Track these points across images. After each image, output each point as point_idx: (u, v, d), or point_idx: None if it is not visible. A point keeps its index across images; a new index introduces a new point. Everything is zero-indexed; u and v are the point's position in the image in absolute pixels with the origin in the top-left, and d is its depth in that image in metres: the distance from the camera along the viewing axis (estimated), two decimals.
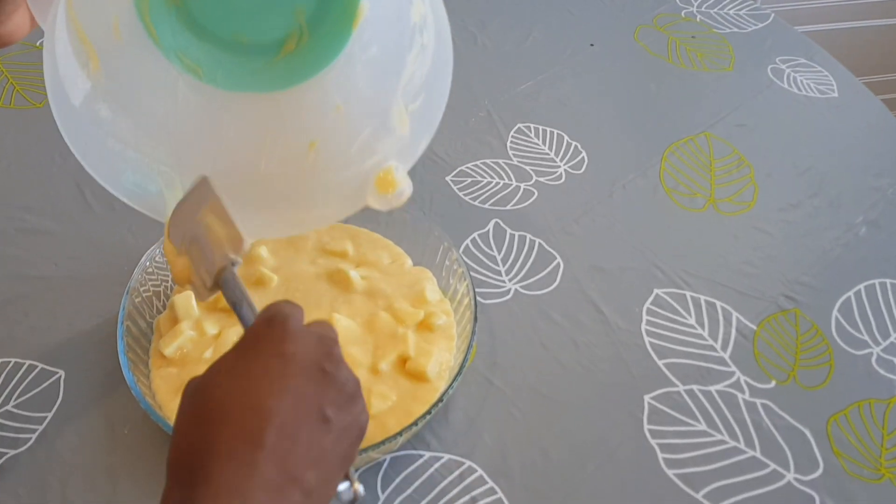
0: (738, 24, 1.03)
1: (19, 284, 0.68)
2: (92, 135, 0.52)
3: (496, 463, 0.58)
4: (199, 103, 0.57)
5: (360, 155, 0.58)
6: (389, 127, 0.57)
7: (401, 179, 0.56)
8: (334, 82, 0.58)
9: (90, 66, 0.51)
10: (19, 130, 0.82)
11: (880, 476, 0.59)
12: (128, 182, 0.54)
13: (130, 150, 0.54)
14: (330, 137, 0.59)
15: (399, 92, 0.57)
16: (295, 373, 0.39)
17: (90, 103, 0.52)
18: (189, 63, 0.56)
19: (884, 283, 0.72)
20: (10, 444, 0.58)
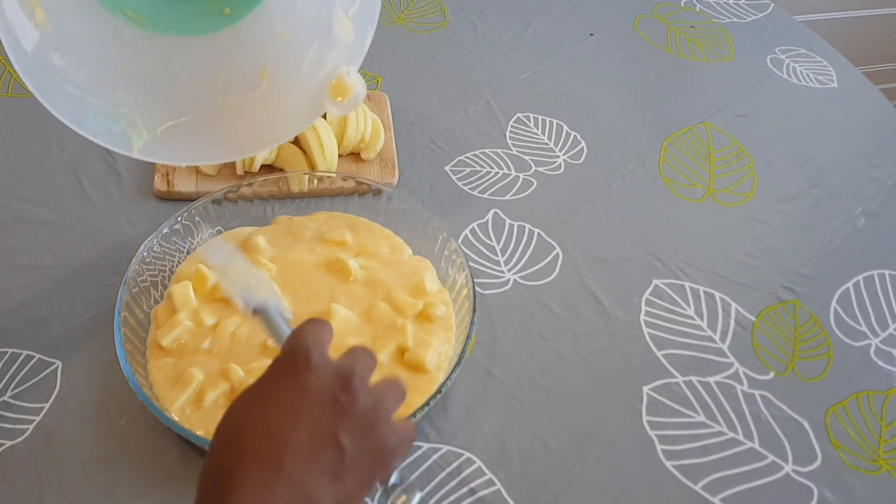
0: (737, 14, 1.03)
1: (16, 274, 0.68)
2: (50, 80, 0.54)
3: (495, 454, 0.58)
4: (148, 49, 0.59)
5: (311, 71, 0.60)
6: (334, 37, 0.60)
7: (354, 83, 0.59)
8: (274, 10, 0.61)
9: (36, 16, 0.53)
10: (16, 119, 0.81)
11: (878, 468, 0.59)
12: (91, 123, 0.55)
13: (89, 96, 0.55)
14: (279, 62, 0.61)
15: (337, 3, 0.59)
16: (310, 403, 0.42)
17: (42, 52, 0.53)
18: (132, 14, 0.58)
19: (882, 274, 0.72)
20: (7, 435, 0.58)
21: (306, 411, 0.41)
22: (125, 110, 0.58)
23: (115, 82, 0.58)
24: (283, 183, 0.72)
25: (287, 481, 0.39)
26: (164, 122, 0.59)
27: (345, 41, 0.60)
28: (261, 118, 0.62)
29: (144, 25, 0.58)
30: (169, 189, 0.74)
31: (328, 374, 0.43)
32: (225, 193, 0.68)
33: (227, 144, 0.62)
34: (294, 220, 0.70)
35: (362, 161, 0.78)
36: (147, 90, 0.59)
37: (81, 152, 0.78)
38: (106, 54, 0.58)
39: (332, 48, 0.60)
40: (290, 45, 0.61)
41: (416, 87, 0.89)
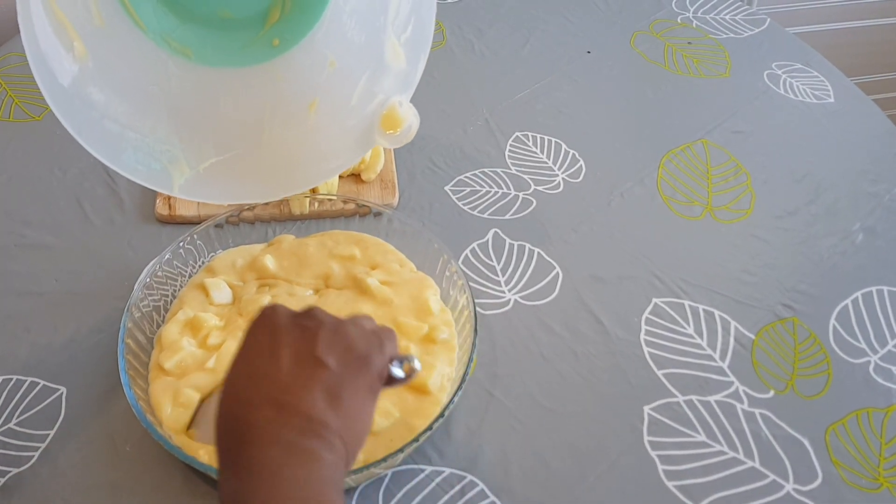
0: (734, 30, 1.03)
1: (19, 300, 0.68)
2: (86, 115, 0.51)
3: (497, 477, 0.59)
4: (193, 82, 0.57)
5: (361, 101, 0.58)
6: (385, 65, 0.57)
7: (406, 114, 0.57)
8: (323, 40, 0.58)
9: (75, 49, 0.50)
10: (18, 144, 0.82)
11: (878, 486, 0.59)
12: (129, 160, 0.53)
13: (129, 132, 0.53)
14: (328, 93, 0.59)
15: (389, 28, 0.56)
16: (281, 336, 0.45)
17: (80, 86, 0.51)
18: (177, 45, 0.56)
19: (881, 290, 0.73)
20: (14, 463, 0.58)
21: (278, 344, 0.45)
22: (167, 146, 0.56)
23: (157, 117, 0.56)
24: (285, 205, 0.72)
25: (287, 411, 0.42)
26: (208, 158, 0.57)
27: (397, 69, 0.57)
28: (307, 153, 0.60)
29: (190, 57, 0.56)
30: (171, 213, 0.74)
31: (290, 312, 0.47)
32: (227, 217, 0.69)
33: (271, 181, 0.60)
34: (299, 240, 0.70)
35: (363, 182, 0.79)
36: (191, 125, 0.57)
37: (83, 177, 0.78)
38: (149, 88, 0.56)
39: (383, 77, 0.57)
40: (339, 75, 0.59)
41: (415, 106, 0.89)
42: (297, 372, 0.44)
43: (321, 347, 0.45)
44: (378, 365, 0.47)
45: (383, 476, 0.58)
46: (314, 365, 0.44)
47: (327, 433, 0.42)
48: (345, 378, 0.45)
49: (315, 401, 0.43)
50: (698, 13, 1.06)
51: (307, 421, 0.42)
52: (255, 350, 0.45)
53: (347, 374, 0.45)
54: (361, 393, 0.46)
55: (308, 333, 0.45)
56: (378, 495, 0.57)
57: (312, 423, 0.42)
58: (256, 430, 0.42)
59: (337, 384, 0.44)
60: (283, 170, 0.60)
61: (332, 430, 0.43)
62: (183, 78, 0.57)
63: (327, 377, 0.44)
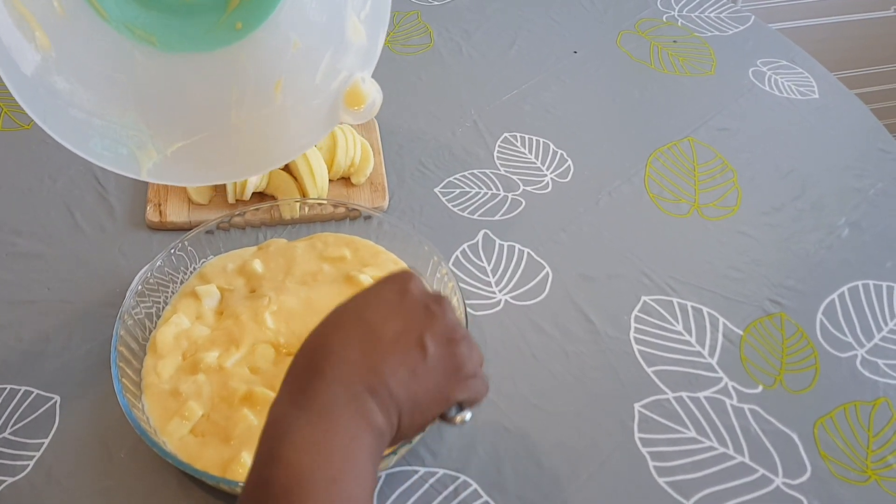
0: (719, 28, 1.04)
1: (11, 309, 0.68)
2: (50, 103, 0.51)
3: (490, 476, 0.59)
4: (158, 69, 0.57)
5: (325, 80, 0.58)
6: (347, 42, 0.58)
7: (369, 89, 0.58)
8: (286, 20, 0.59)
9: (37, 39, 0.50)
10: (8, 153, 0.82)
11: (867, 478, 0.60)
12: (97, 146, 0.53)
13: (95, 119, 0.53)
14: (293, 73, 0.59)
15: (348, 6, 0.57)
16: (405, 304, 0.47)
17: (44, 75, 0.50)
18: (141, 33, 0.56)
19: (867, 284, 0.73)
20: (8, 472, 0.58)
21: (400, 310, 0.46)
22: (134, 132, 0.56)
23: (124, 104, 0.56)
24: (275, 210, 0.73)
25: (369, 364, 0.43)
26: (176, 142, 0.58)
27: (357, 46, 0.58)
28: (275, 133, 0.61)
29: (154, 44, 0.57)
30: (161, 220, 0.74)
31: (426, 289, 0.49)
32: (217, 223, 0.69)
33: (240, 162, 0.61)
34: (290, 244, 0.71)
35: (353, 185, 0.79)
36: (158, 110, 0.58)
37: (73, 185, 0.78)
38: (114, 75, 0.56)
39: (345, 54, 0.58)
40: (303, 54, 0.59)
41: (403, 109, 0.90)
42: (400, 340, 0.45)
43: (432, 335, 0.46)
44: (457, 391, 0.47)
45: (378, 477, 0.59)
46: (417, 345, 0.45)
47: (392, 404, 0.43)
48: (433, 373, 0.45)
49: (397, 372, 0.44)
50: (683, 11, 1.06)
51: (381, 384, 0.43)
52: (376, 300, 0.47)
53: (436, 374, 0.46)
54: (432, 399, 0.46)
55: (429, 316, 0.47)
56: (374, 498, 0.58)
57: (385, 388, 0.43)
58: (335, 364, 0.43)
59: (423, 373, 0.45)
60: (251, 150, 0.61)
61: (397, 403, 0.44)
62: (148, 65, 0.57)
63: (420, 364, 0.45)
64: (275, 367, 0.62)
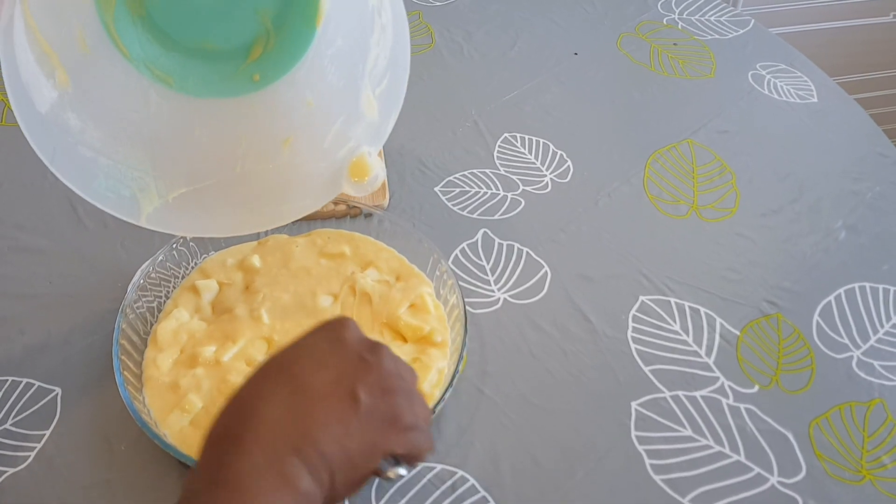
0: (718, 31, 1.05)
1: (13, 303, 0.69)
2: (60, 141, 0.51)
3: (488, 472, 0.60)
4: (171, 110, 0.57)
5: (333, 145, 0.59)
6: (359, 113, 0.58)
7: (374, 164, 0.58)
8: (304, 79, 0.59)
9: (56, 76, 0.50)
10: (10, 148, 0.82)
11: (861, 478, 0.60)
12: (100, 187, 0.53)
13: (102, 157, 0.53)
14: (303, 132, 0.60)
15: (366, 78, 0.58)
16: (339, 354, 0.44)
17: (58, 112, 0.51)
18: (159, 73, 0.56)
19: (863, 286, 0.74)
20: (9, 463, 0.59)
21: (332, 359, 0.44)
22: (139, 173, 0.56)
23: (132, 143, 0.56)
24: None
25: (297, 421, 0.41)
26: (179, 188, 0.57)
27: (369, 120, 0.58)
28: (278, 190, 0.61)
29: (171, 85, 0.57)
30: None
31: (361, 337, 0.46)
32: None
33: (238, 216, 0.60)
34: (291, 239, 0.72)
35: None
36: (166, 152, 0.57)
37: None
38: (127, 114, 0.56)
39: (356, 125, 0.58)
40: (315, 115, 0.60)
41: (404, 108, 0.89)
42: (330, 392, 0.42)
43: (366, 385, 0.43)
44: (392, 442, 0.44)
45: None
46: (349, 398, 0.43)
47: (321, 462, 0.41)
48: (366, 426, 0.43)
49: (328, 427, 0.42)
50: (683, 15, 1.07)
51: (309, 442, 0.41)
52: (307, 351, 0.44)
53: (370, 426, 0.43)
54: (368, 452, 0.43)
55: (363, 366, 0.44)
56: (370, 492, 0.58)
57: (313, 446, 0.41)
58: (255, 427, 0.40)
59: (356, 426, 0.42)
60: (252, 205, 0.61)
61: (328, 461, 0.41)
62: (162, 105, 0.57)
63: (351, 416, 0.42)
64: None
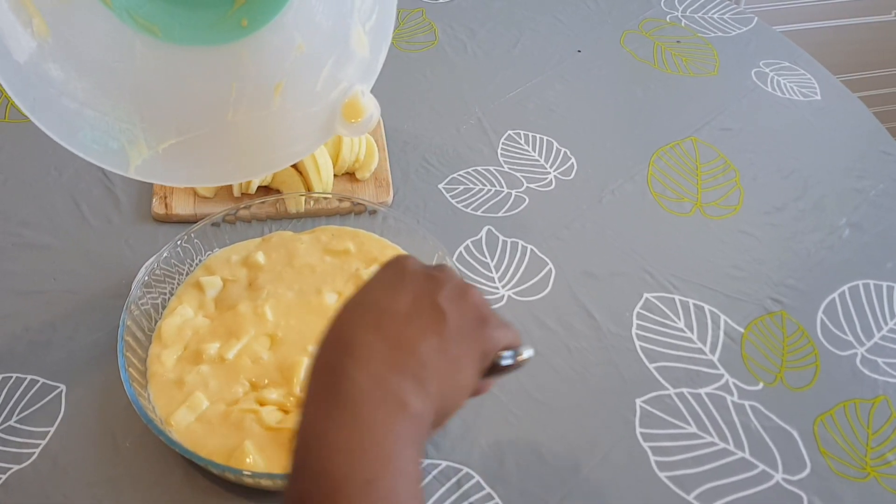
0: (722, 29, 1.05)
1: (18, 299, 0.69)
2: (42, 92, 0.49)
3: (493, 468, 0.60)
4: (158, 60, 0.56)
5: (325, 88, 0.57)
6: (350, 52, 0.57)
7: (367, 103, 0.57)
8: (292, 21, 0.58)
9: (34, 25, 0.48)
10: (14, 144, 0.82)
11: (866, 475, 0.60)
12: (85, 139, 0.51)
13: (88, 109, 0.51)
14: (294, 77, 0.58)
15: (354, 14, 0.56)
16: (409, 279, 0.46)
17: (38, 63, 0.49)
18: (144, 22, 0.54)
19: (867, 284, 0.74)
20: (14, 460, 0.59)
21: (404, 285, 0.45)
22: (126, 125, 0.54)
23: (119, 94, 0.54)
24: (281, 204, 0.73)
25: (391, 342, 0.42)
26: (169, 138, 0.56)
27: (360, 57, 0.57)
28: (270, 137, 0.60)
29: (157, 35, 0.55)
30: (167, 212, 0.75)
31: (421, 263, 0.48)
32: (223, 216, 0.70)
33: (231, 165, 0.59)
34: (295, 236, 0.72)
35: (357, 181, 0.79)
36: (154, 103, 0.56)
37: (79, 177, 0.79)
38: (111, 64, 0.54)
39: (347, 64, 0.57)
40: (306, 59, 0.58)
41: (408, 106, 0.90)
42: (415, 311, 0.43)
43: (445, 296, 0.45)
44: (494, 338, 0.46)
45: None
46: (433, 310, 0.44)
47: (425, 375, 0.41)
48: (460, 333, 0.44)
49: (424, 340, 0.42)
50: (687, 12, 1.07)
51: (409, 358, 0.41)
52: (377, 284, 0.46)
53: (464, 330, 0.44)
54: (470, 356, 0.45)
55: (434, 281, 0.45)
56: None
57: (414, 358, 0.41)
58: (354, 355, 0.41)
59: (450, 336, 0.43)
60: (244, 153, 0.59)
61: (431, 373, 0.41)
62: (147, 55, 0.55)
63: (443, 326, 0.43)
64: (273, 353, 0.63)
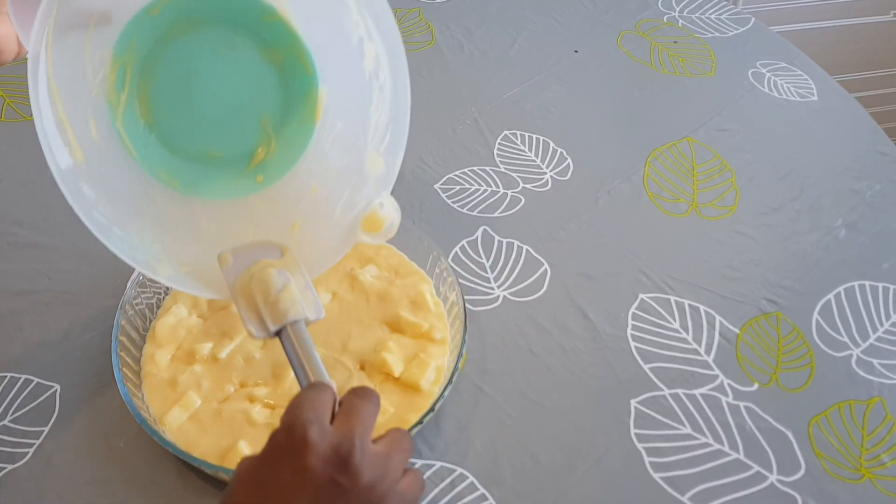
0: (719, 29, 1.05)
1: (12, 299, 0.69)
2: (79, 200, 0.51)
3: (487, 469, 0.59)
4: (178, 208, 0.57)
5: (343, 214, 0.58)
6: (365, 175, 0.57)
7: (387, 213, 0.56)
8: (307, 171, 0.59)
9: (71, 147, 0.50)
10: (9, 144, 0.82)
11: (861, 476, 0.60)
12: (116, 245, 0.52)
13: (115, 228, 0.52)
14: (311, 215, 0.59)
15: (369, 144, 0.56)
16: (308, 489, 0.39)
17: (74, 177, 0.50)
18: (165, 176, 0.56)
19: (863, 285, 0.74)
20: (8, 459, 0.59)
21: (304, 497, 0.39)
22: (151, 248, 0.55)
23: (142, 225, 0.55)
24: None
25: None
26: (190, 266, 0.56)
27: (376, 176, 0.57)
28: None
29: (176, 188, 0.57)
30: None
31: (327, 453, 0.40)
32: None
33: None
34: None
35: None
36: (174, 240, 0.57)
37: None
38: (136, 202, 0.56)
39: (363, 188, 0.57)
40: (322, 198, 0.58)
41: None
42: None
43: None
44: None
45: None
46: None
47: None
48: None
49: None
50: (684, 12, 1.07)
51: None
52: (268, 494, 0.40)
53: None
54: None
55: (337, 491, 0.40)
56: None
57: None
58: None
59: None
60: None
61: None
62: (168, 202, 0.57)
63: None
64: (265, 353, 0.63)
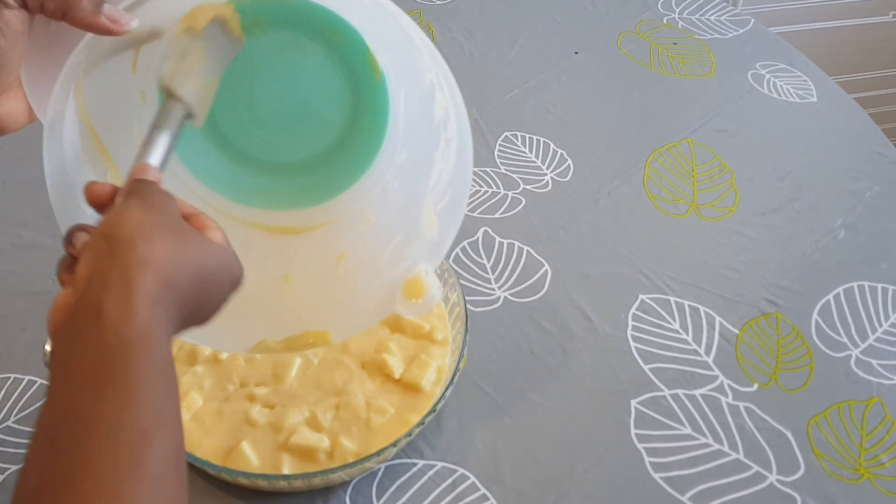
0: (718, 30, 1.05)
1: (16, 300, 0.69)
2: None
3: (488, 469, 0.60)
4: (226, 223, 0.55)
5: (389, 264, 0.56)
6: (419, 231, 0.56)
7: (430, 283, 0.55)
8: (366, 193, 0.57)
9: (108, 176, 0.49)
10: (13, 146, 0.83)
11: (860, 476, 0.61)
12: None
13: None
14: (360, 249, 0.57)
15: (428, 194, 0.55)
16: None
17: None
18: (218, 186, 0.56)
19: (862, 285, 0.74)
20: (12, 460, 0.59)
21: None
22: None
23: None
24: None
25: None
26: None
27: (428, 237, 0.56)
28: (326, 308, 0.58)
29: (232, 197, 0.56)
30: None
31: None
32: None
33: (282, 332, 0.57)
34: None
35: None
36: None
37: None
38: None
39: (414, 242, 0.56)
40: (374, 232, 0.57)
41: None
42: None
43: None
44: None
45: (376, 470, 0.59)
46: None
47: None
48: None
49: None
50: (684, 14, 1.07)
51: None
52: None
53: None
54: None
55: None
56: (371, 489, 0.59)
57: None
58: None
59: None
60: (295, 322, 0.57)
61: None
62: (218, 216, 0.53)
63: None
64: None
